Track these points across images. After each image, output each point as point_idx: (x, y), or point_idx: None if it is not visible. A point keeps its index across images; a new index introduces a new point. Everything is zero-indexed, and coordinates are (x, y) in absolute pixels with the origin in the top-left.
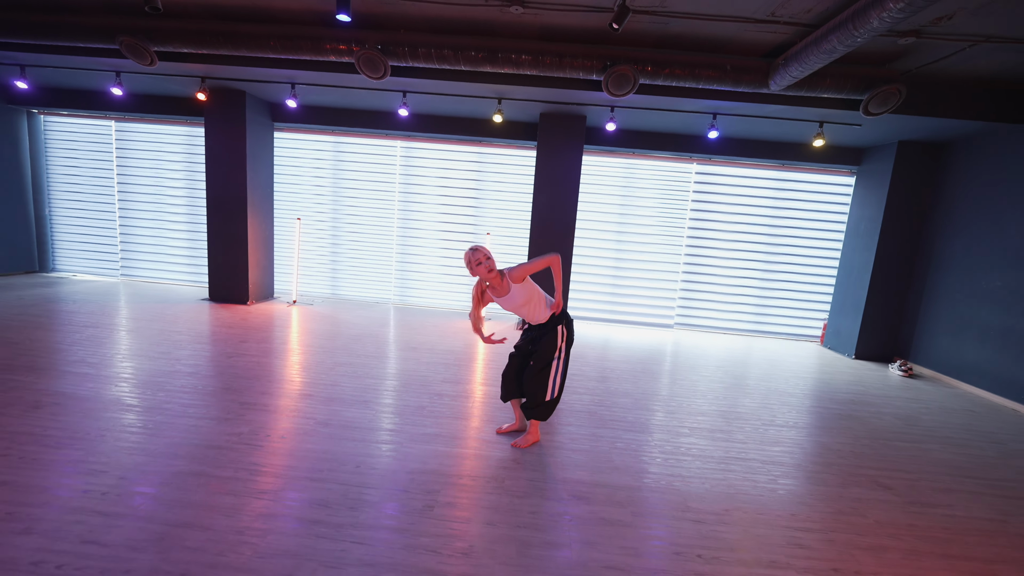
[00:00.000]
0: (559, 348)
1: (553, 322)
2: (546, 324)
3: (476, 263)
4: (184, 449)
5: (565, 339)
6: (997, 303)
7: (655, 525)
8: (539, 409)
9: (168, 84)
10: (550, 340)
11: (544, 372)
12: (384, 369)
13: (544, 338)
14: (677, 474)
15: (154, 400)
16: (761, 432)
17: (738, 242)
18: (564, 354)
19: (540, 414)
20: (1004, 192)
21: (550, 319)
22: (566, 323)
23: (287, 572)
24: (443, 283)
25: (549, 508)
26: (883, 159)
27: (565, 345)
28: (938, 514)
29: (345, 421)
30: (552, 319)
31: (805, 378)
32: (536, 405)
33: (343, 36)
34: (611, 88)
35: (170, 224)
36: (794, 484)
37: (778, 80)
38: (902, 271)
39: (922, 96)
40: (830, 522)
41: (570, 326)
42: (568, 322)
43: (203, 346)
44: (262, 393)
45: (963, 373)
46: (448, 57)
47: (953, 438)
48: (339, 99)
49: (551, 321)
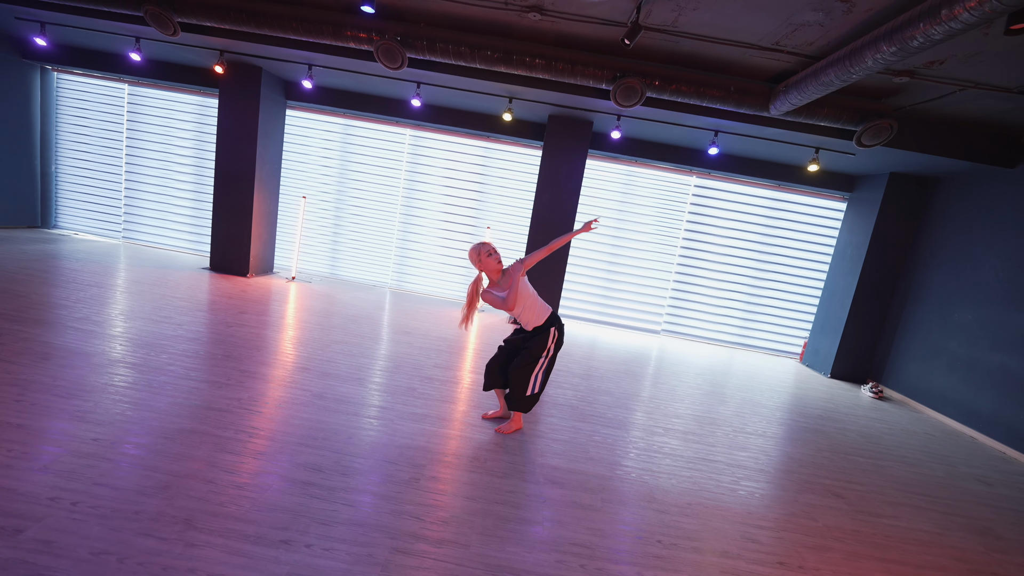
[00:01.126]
0: (548, 348)
1: (547, 324)
2: (539, 329)
3: (487, 254)
4: (186, 409)
5: (555, 341)
6: (967, 336)
7: (622, 511)
8: (520, 402)
9: (186, 53)
10: (541, 340)
11: (528, 369)
12: (378, 350)
13: (535, 336)
14: (647, 469)
15: (157, 361)
16: (731, 438)
17: (729, 256)
18: (551, 355)
19: (521, 407)
20: (983, 231)
21: (544, 323)
22: (558, 326)
23: (283, 524)
24: (441, 272)
25: (526, 489)
26: (874, 188)
27: (554, 347)
28: (882, 523)
29: (339, 395)
30: (546, 322)
31: (780, 392)
32: (518, 399)
33: (365, 24)
34: (619, 99)
35: (175, 191)
36: (755, 486)
37: (778, 105)
38: (882, 297)
39: (912, 132)
40: (782, 522)
41: (562, 330)
42: (560, 326)
43: (203, 314)
44: (260, 363)
45: (929, 399)
46: (465, 54)
47: (909, 458)
48: (354, 84)
49: (545, 324)
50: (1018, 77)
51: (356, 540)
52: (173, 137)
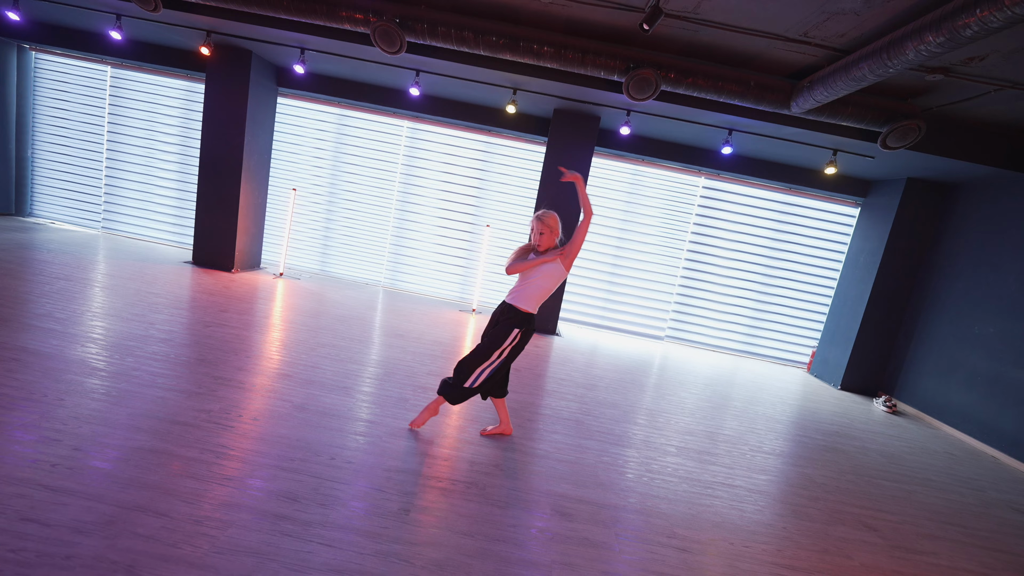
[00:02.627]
0: (503, 349)
1: (517, 319)
2: (511, 315)
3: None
4: (147, 422)
5: (514, 344)
6: (988, 350)
7: (640, 550)
8: (453, 391)
9: (171, 34)
10: (500, 333)
11: (476, 362)
12: (368, 355)
13: (498, 326)
14: (664, 496)
15: (122, 365)
16: (748, 458)
17: (737, 261)
18: (505, 356)
19: (452, 396)
20: (1007, 240)
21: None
22: (525, 329)
23: (246, 572)
24: (437, 271)
25: (530, 521)
26: (890, 194)
27: (510, 349)
28: (923, 561)
29: (323, 407)
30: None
31: (791, 404)
32: (452, 387)
33: (361, 4)
34: (632, 91)
35: (159, 180)
36: (780, 517)
37: (800, 102)
38: (896, 307)
39: (938, 135)
40: (815, 561)
41: (527, 334)
42: (527, 330)
43: (180, 312)
44: (238, 368)
45: (946, 415)
46: (468, 40)
47: (935, 481)
48: (349, 70)
49: (516, 318)
50: None
51: None
52: (157, 123)
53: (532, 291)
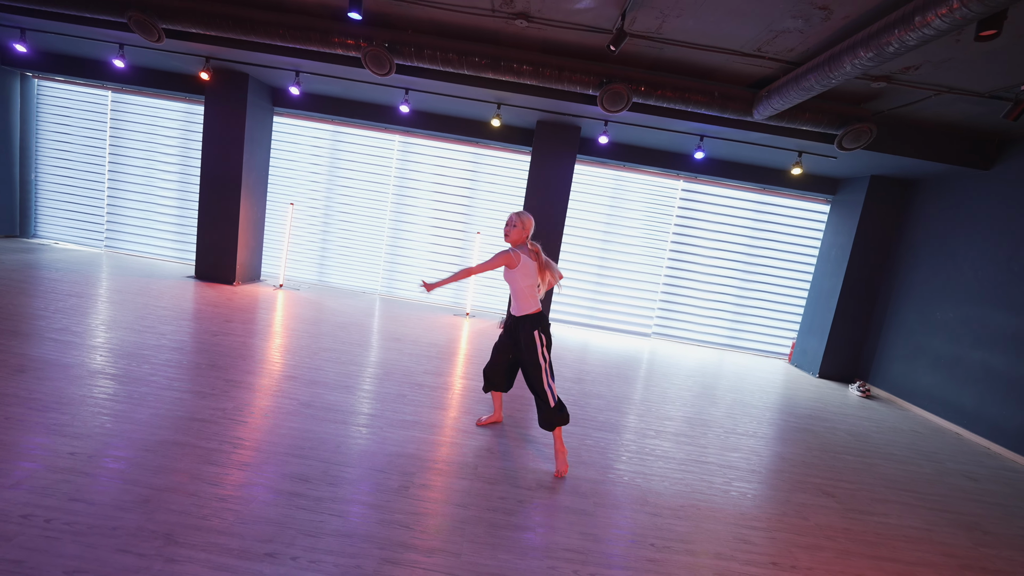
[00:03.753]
0: (540, 354)
1: (529, 326)
2: (522, 324)
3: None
4: (168, 420)
5: (545, 344)
6: (949, 334)
7: (615, 515)
8: (552, 417)
9: (170, 60)
10: (529, 348)
11: (538, 378)
12: (367, 357)
13: (523, 344)
14: (640, 472)
15: (139, 372)
16: (722, 439)
17: (717, 259)
18: (548, 359)
19: (556, 420)
20: (962, 231)
21: (528, 319)
22: (542, 328)
23: (268, 537)
24: (431, 277)
25: (517, 495)
26: (856, 191)
27: (546, 350)
28: (873, 521)
29: (327, 404)
30: (528, 322)
31: (770, 392)
32: (548, 416)
33: (352, 31)
34: (605, 104)
35: (160, 199)
36: (746, 487)
37: (761, 110)
38: (866, 298)
39: (891, 136)
40: (774, 522)
41: (546, 330)
42: (544, 327)
43: (188, 323)
44: (247, 372)
45: (914, 397)
46: (453, 61)
47: (897, 455)
48: (342, 90)
49: (528, 323)
50: (988, 82)
51: (344, 551)
52: (158, 144)
53: (520, 295)
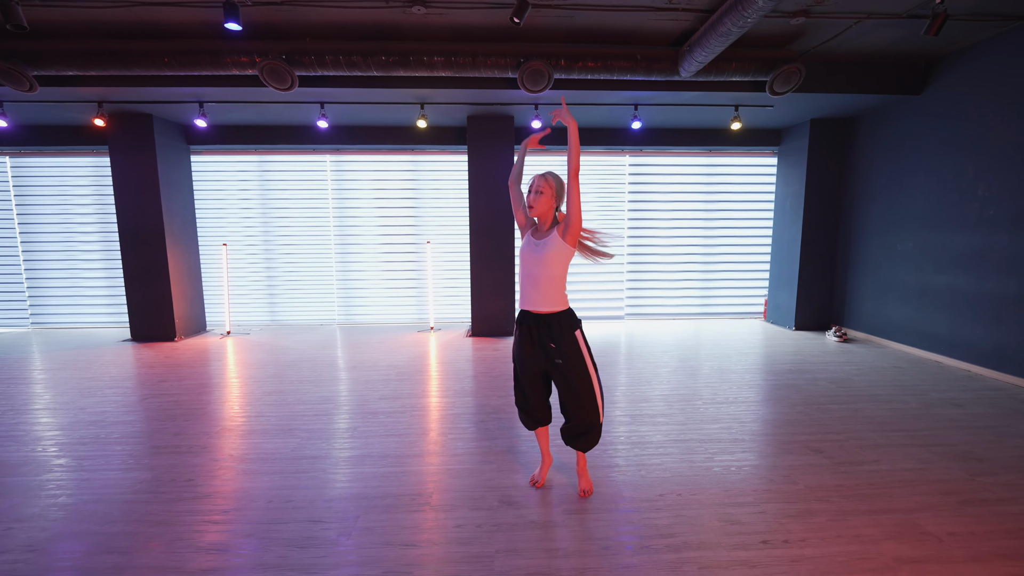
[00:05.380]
0: (590, 363)
1: (569, 325)
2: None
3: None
4: (66, 510)
5: (587, 345)
6: (912, 263)
7: (585, 521)
8: (593, 434)
9: (64, 112)
10: (574, 355)
11: (590, 392)
12: (317, 393)
13: (562, 351)
14: (613, 464)
15: (46, 455)
16: (702, 412)
17: (677, 229)
18: (594, 363)
19: (593, 439)
20: (906, 159)
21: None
22: (580, 327)
23: None
24: (388, 297)
25: (475, 519)
26: (799, 137)
27: (590, 353)
28: (864, 471)
29: (264, 454)
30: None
31: (747, 354)
32: (587, 431)
33: (244, 48)
34: (527, 84)
35: (82, 263)
36: (730, 459)
37: (687, 66)
38: (828, 242)
39: (821, 74)
40: (762, 494)
41: (582, 330)
42: (580, 325)
43: (115, 391)
44: (175, 434)
45: (889, 332)
46: (358, 63)
47: (881, 395)
48: (256, 116)
49: (563, 322)
50: (906, 2)
51: None
52: (71, 205)
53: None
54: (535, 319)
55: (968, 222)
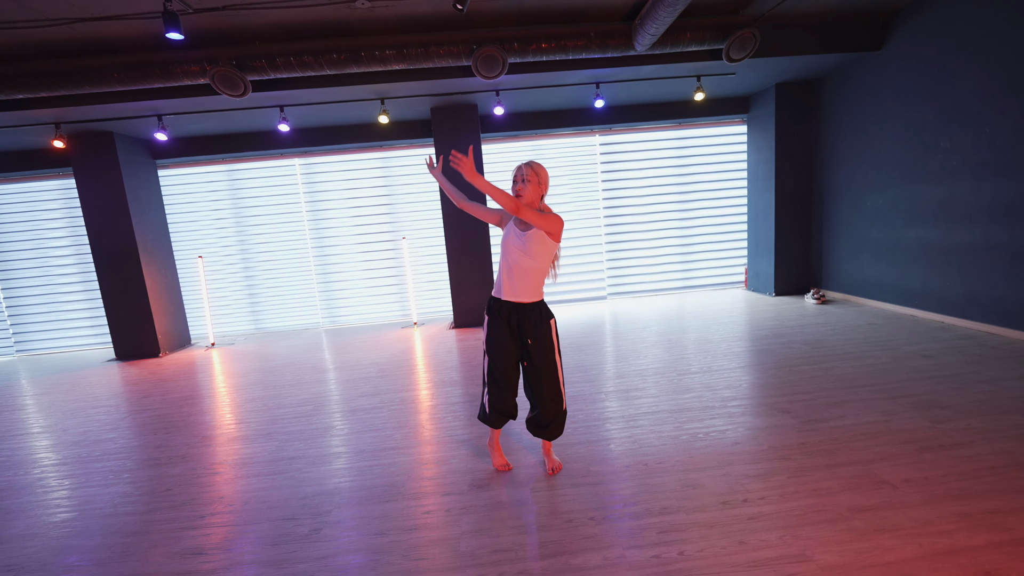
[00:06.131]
0: (558, 351)
1: (545, 315)
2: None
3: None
4: (47, 527)
5: (558, 336)
6: (882, 220)
7: (552, 498)
8: (557, 423)
9: (22, 136)
10: (547, 344)
11: (556, 381)
12: (298, 396)
13: (539, 339)
14: (583, 441)
15: (25, 480)
16: (675, 383)
17: (652, 204)
18: (560, 353)
19: (558, 428)
20: (871, 117)
21: (540, 307)
22: (554, 317)
23: None
24: (370, 296)
25: (445, 504)
26: (765, 103)
27: (559, 344)
28: (828, 427)
29: (242, 459)
30: (541, 310)
31: (727, 324)
32: (552, 420)
33: (194, 57)
34: (482, 71)
35: (62, 287)
36: (697, 427)
37: (641, 40)
38: (802, 206)
39: (778, 38)
40: (725, 457)
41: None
42: (553, 316)
43: (98, 411)
44: (156, 447)
45: (865, 290)
46: (310, 63)
47: (853, 352)
48: (219, 125)
49: (540, 312)
50: None
51: None
52: (43, 230)
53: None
54: (512, 308)
55: (932, 174)
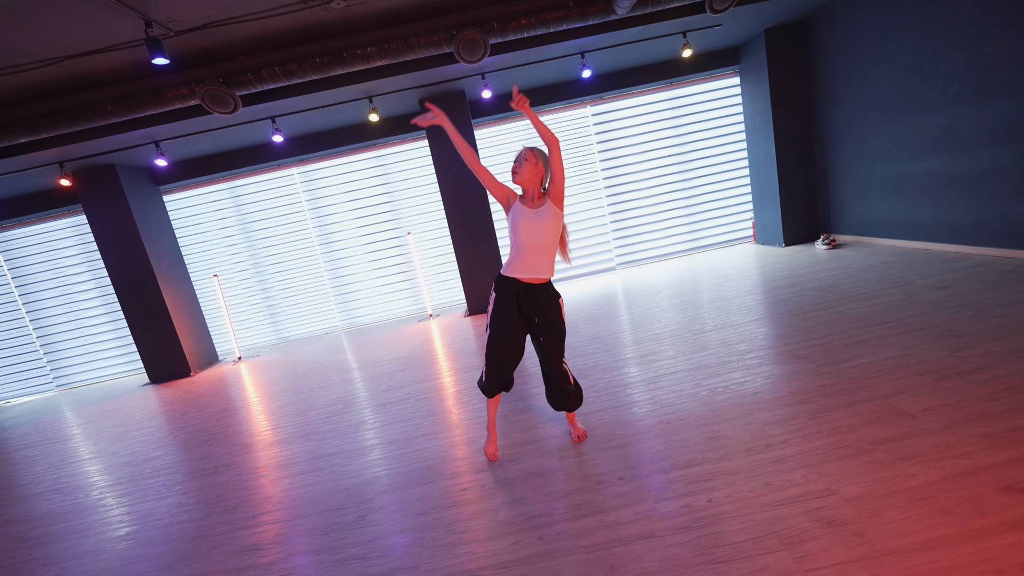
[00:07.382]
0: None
1: (554, 294)
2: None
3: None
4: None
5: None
6: (886, 156)
7: (581, 463)
8: (579, 393)
9: (30, 179)
10: (558, 322)
11: (561, 362)
12: (327, 397)
13: (549, 317)
14: (606, 408)
15: (88, 499)
16: (691, 343)
17: (652, 169)
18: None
19: (578, 398)
20: (866, 53)
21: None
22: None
23: None
24: (383, 293)
25: (480, 480)
26: (756, 51)
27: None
28: (846, 368)
29: (283, 460)
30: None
31: (738, 279)
32: (568, 394)
33: (182, 79)
34: (464, 55)
35: (88, 319)
36: (716, 382)
37: (621, 3)
38: (804, 152)
39: None
40: (746, 408)
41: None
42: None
43: (141, 432)
44: (201, 459)
45: (876, 229)
46: (295, 71)
47: (867, 293)
48: (214, 144)
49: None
50: None
51: None
52: (63, 267)
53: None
54: (524, 288)
55: (934, 103)
